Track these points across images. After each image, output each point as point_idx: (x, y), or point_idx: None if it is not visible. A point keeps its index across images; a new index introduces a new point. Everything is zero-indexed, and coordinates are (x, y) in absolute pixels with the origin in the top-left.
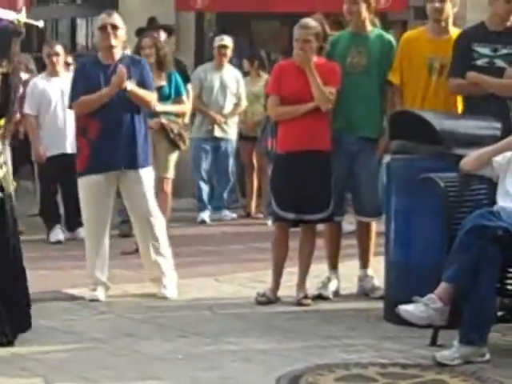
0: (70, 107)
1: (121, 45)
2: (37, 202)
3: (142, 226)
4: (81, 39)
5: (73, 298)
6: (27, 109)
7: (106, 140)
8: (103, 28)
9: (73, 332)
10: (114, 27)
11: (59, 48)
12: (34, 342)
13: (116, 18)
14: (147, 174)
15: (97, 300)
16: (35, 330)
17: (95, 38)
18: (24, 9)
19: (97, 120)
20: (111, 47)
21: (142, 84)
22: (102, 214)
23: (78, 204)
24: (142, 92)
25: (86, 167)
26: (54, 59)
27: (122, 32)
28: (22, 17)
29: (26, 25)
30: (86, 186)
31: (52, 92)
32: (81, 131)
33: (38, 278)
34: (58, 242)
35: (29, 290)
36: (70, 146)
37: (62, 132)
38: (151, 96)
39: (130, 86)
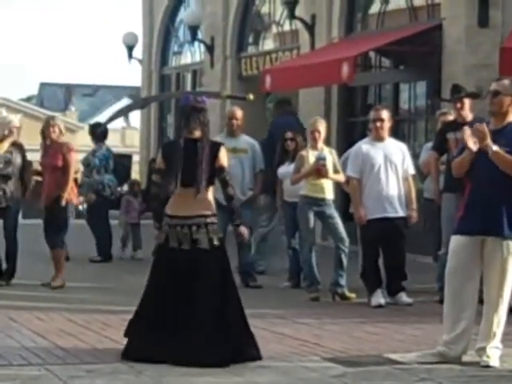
0: None
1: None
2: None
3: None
4: (403, 104)
5: (393, 362)
6: (350, 171)
7: None
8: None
9: None
10: None
11: (384, 114)
12: None
13: None
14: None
15: None
16: None
17: None
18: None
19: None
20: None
21: None
22: None
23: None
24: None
25: None
26: (379, 124)
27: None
28: (225, 91)
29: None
30: None
31: (376, 156)
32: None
33: (357, 342)
34: (380, 307)
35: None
36: (392, 210)
37: (385, 196)
38: None
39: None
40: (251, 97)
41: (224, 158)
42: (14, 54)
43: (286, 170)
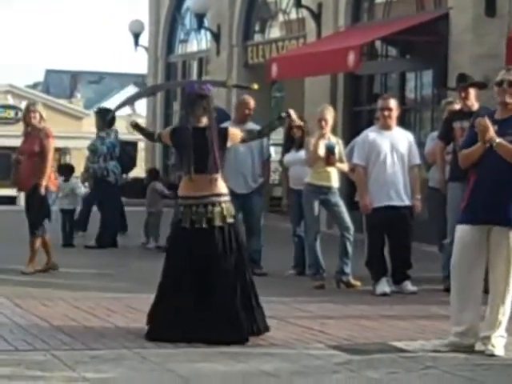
0: None
1: None
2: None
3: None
4: (409, 93)
5: (398, 350)
6: (356, 159)
7: None
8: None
9: None
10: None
11: (392, 103)
12: None
13: None
14: None
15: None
16: None
17: None
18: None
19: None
20: (505, 104)
21: None
22: None
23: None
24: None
25: None
26: (386, 113)
27: None
28: (230, 81)
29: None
30: None
31: (382, 144)
32: None
33: (362, 330)
34: (384, 295)
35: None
36: (397, 198)
37: (390, 184)
38: None
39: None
40: (255, 86)
41: (235, 134)
42: (18, 49)
43: (292, 157)
